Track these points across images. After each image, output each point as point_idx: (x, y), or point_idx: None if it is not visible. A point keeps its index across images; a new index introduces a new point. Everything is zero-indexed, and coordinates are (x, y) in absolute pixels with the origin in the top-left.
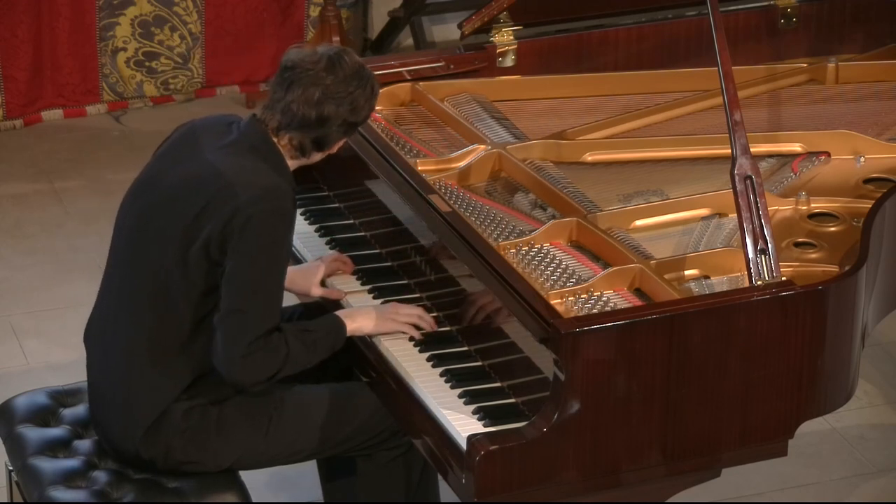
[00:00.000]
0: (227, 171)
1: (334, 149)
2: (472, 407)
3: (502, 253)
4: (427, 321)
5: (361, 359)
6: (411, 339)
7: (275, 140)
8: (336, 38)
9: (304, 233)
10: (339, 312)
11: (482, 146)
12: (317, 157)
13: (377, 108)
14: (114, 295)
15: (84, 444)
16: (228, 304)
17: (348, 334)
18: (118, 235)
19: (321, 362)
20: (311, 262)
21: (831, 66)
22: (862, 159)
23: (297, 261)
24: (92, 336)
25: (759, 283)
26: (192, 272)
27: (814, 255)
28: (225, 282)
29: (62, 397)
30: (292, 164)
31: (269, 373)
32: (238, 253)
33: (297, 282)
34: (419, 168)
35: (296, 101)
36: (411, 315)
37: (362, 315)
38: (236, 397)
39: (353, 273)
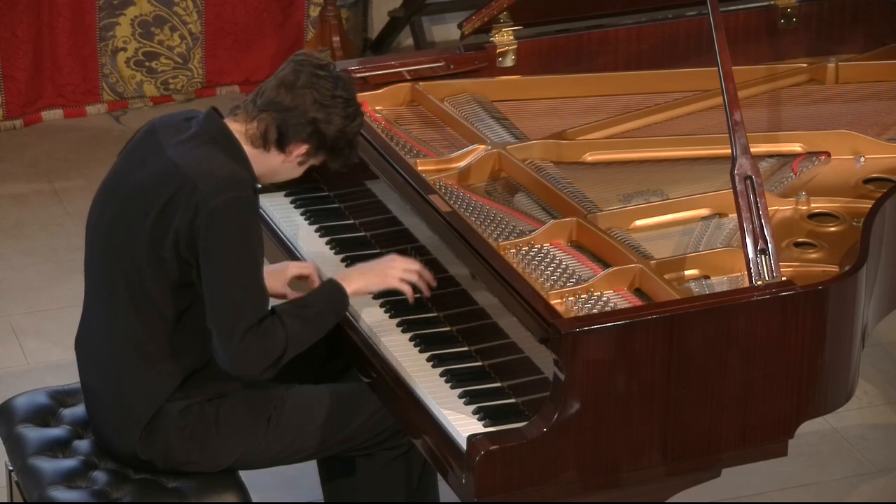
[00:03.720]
0: (187, 166)
1: (292, 156)
2: (472, 407)
3: (502, 253)
4: (426, 277)
5: (361, 359)
6: (411, 338)
7: (234, 128)
8: (336, 38)
9: (304, 233)
10: (335, 277)
11: (482, 146)
12: (274, 155)
13: (377, 108)
14: (93, 298)
15: (84, 444)
16: (213, 303)
17: (350, 295)
18: (90, 240)
19: (320, 362)
20: (281, 265)
21: (831, 66)
22: (862, 159)
23: (295, 259)
24: (81, 342)
25: (759, 283)
26: (166, 269)
27: (814, 255)
28: (204, 281)
29: (62, 397)
30: (253, 154)
31: (272, 358)
32: (209, 250)
33: (269, 283)
34: (419, 168)
35: (280, 76)
36: (410, 271)
37: (358, 274)
38: (234, 395)
39: None
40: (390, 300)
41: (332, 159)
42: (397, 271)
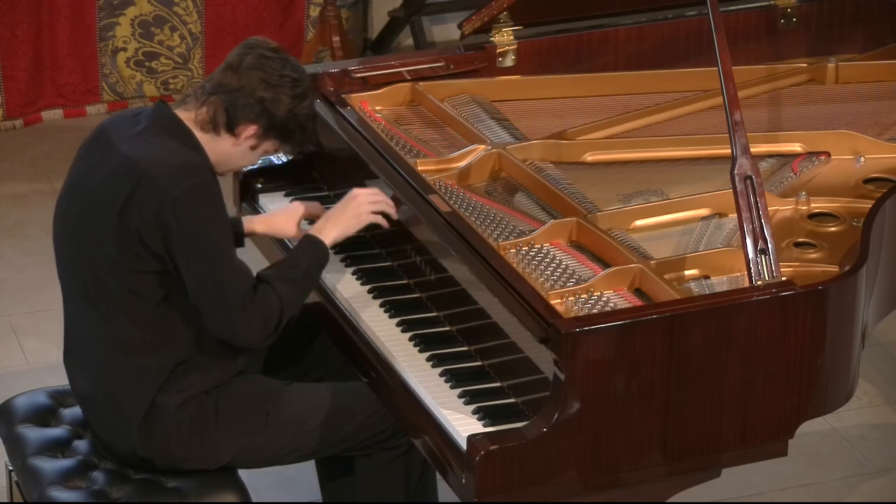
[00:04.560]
0: (141, 159)
1: (241, 138)
2: (472, 407)
3: (502, 253)
4: (390, 204)
5: (361, 359)
6: (411, 338)
7: (184, 117)
8: (336, 38)
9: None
10: (308, 232)
11: (482, 146)
12: (225, 139)
13: (377, 107)
14: (72, 305)
15: (84, 444)
16: (202, 289)
17: (330, 245)
18: (59, 247)
19: (319, 361)
20: (290, 205)
21: (831, 66)
22: (862, 159)
23: None
24: (68, 353)
25: (759, 283)
26: (139, 262)
27: (814, 255)
28: (187, 273)
29: (62, 397)
30: (204, 139)
31: (272, 324)
32: (184, 243)
33: (279, 225)
34: (419, 168)
35: (228, 60)
36: (376, 203)
37: (332, 224)
38: (231, 388)
39: (354, 273)
40: (390, 300)
41: (284, 142)
42: (365, 205)
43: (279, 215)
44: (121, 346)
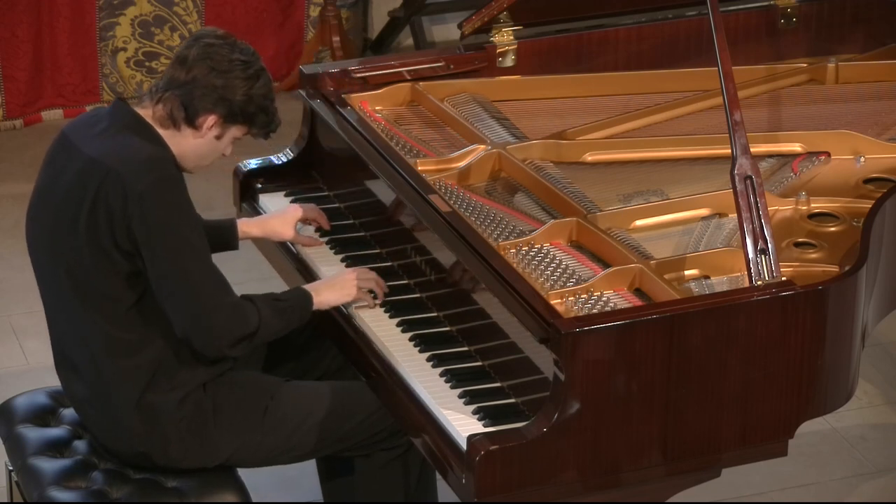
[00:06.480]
0: (105, 157)
1: (203, 129)
2: (472, 407)
3: (502, 253)
4: (381, 285)
5: (361, 359)
6: (411, 338)
7: (143, 114)
8: (336, 38)
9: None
10: (304, 287)
11: (482, 146)
12: (187, 133)
13: (377, 108)
14: (52, 311)
15: (83, 444)
16: (170, 286)
17: (314, 307)
18: (35, 257)
19: (318, 360)
20: (286, 208)
21: (831, 66)
22: (862, 159)
23: (300, 261)
24: (59, 364)
25: (759, 283)
26: (112, 261)
27: (814, 255)
28: (154, 269)
29: (62, 397)
30: (167, 135)
31: (242, 333)
32: (148, 234)
33: (276, 228)
34: (419, 168)
35: (176, 54)
36: (368, 280)
37: (325, 288)
38: (227, 382)
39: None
40: (390, 300)
41: (251, 126)
42: (356, 282)
43: (275, 218)
44: (104, 349)
